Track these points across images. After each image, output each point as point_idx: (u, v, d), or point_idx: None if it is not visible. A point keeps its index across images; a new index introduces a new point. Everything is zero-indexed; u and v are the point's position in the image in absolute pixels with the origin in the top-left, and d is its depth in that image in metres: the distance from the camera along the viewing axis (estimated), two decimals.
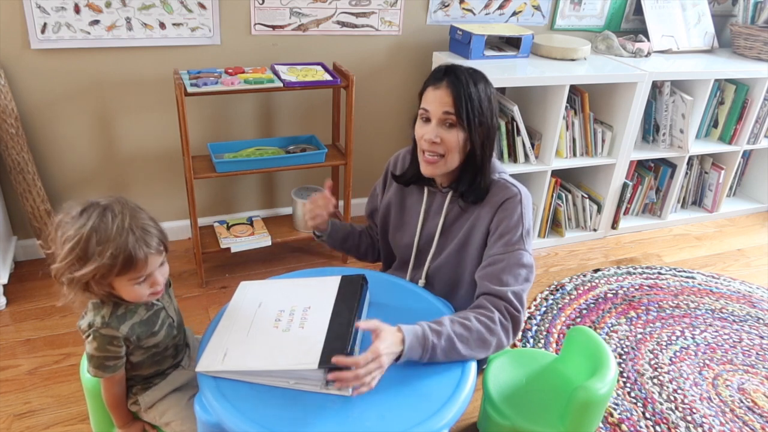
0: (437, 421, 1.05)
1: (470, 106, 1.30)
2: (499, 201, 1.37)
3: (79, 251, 1.04)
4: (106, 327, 1.12)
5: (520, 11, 2.66)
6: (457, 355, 1.20)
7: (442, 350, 1.17)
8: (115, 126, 2.27)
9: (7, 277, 2.10)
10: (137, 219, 1.08)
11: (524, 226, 1.34)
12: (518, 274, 1.31)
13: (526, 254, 1.33)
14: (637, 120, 2.59)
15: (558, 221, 2.77)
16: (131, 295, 1.11)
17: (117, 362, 1.16)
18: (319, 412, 1.05)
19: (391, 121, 2.69)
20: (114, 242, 1.03)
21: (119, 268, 1.05)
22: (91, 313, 1.14)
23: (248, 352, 1.14)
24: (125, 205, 1.09)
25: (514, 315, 1.27)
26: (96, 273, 1.04)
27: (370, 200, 1.67)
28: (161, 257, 1.13)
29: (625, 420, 1.80)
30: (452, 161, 1.36)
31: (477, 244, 1.40)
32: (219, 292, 2.27)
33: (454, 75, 1.31)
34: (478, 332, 1.22)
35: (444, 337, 1.18)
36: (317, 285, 1.33)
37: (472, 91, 1.30)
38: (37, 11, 1.97)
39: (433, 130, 1.33)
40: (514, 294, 1.28)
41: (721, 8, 3.05)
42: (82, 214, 1.07)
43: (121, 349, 1.15)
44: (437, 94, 1.31)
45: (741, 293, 2.48)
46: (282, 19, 2.29)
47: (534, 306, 2.30)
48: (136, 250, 1.05)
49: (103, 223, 1.05)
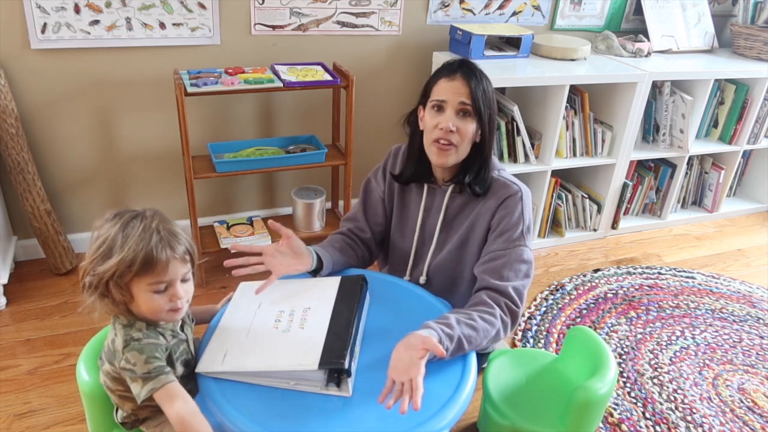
0: (438, 421, 1.05)
1: (484, 98, 1.35)
2: (501, 198, 1.39)
3: (105, 248, 1.03)
4: (148, 338, 1.05)
5: (520, 11, 2.66)
6: (461, 354, 1.23)
7: (450, 354, 1.19)
8: (115, 126, 2.27)
9: (7, 277, 2.10)
10: (167, 224, 1.06)
11: (525, 223, 1.38)
12: (519, 270, 1.34)
13: (527, 250, 1.36)
14: (637, 120, 2.59)
15: (558, 221, 2.77)
16: (149, 305, 1.05)
17: (168, 372, 1.05)
18: (319, 413, 1.05)
19: (391, 121, 2.67)
20: (138, 238, 1.02)
21: (138, 266, 1.01)
22: (121, 332, 1.07)
23: (248, 352, 1.14)
24: (158, 213, 1.08)
25: (514, 311, 1.31)
26: (116, 269, 1.01)
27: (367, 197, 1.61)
28: (185, 268, 1.07)
29: (625, 420, 1.80)
30: (463, 151, 1.38)
31: (478, 240, 1.43)
32: (219, 292, 2.27)
33: (468, 68, 1.36)
34: (483, 331, 1.25)
35: (455, 341, 1.19)
36: (317, 285, 1.33)
37: (484, 85, 1.36)
38: (37, 11, 1.97)
39: (449, 118, 1.35)
40: (514, 289, 1.32)
41: (721, 8, 3.05)
42: (115, 217, 1.07)
43: (164, 359, 1.06)
44: (453, 85, 1.35)
45: (741, 293, 2.48)
46: (282, 19, 2.29)
47: (534, 306, 2.30)
48: (158, 250, 1.01)
49: (131, 224, 1.04)
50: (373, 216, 1.59)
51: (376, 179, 1.59)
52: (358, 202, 1.62)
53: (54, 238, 2.20)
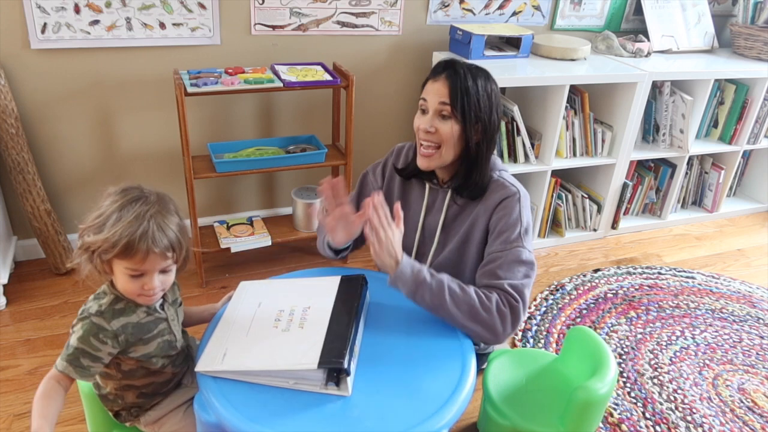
0: (437, 421, 1.05)
1: (466, 100, 1.32)
2: (498, 200, 1.38)
3: (99, 221, 1.06)
4: (99, 316, 1.09)
5: (520, 11, 2.66)
6: (443, 311, 1.22)
7: (430, 292, 1.20)
8: (115, 126, 2.27)
9: (7, 277, 2.10)
10: (162, 216, 1.08)
11: (522, 224, 1.35)
12: (516, 270, 1.30)
13: (525, 251, 1.33)
14: (637, 120, 2.59)
15: (558, 221, 2.77)
16: (123, 286, 1.10)
17: (91, 367, 1.07)
18: (318, 413, 1.05)
19: (391, 121, 2.69)
20: (127, 224, 1.04)
21: (119, 250, 1.03)
22: (91, 302, 1.12)
23: (248, 351, 1.14)
24: (160, 201, 1.10)
25: (513, 305, 1.25)
26: (101, 246, 1.04)
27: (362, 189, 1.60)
28: (165, 262, 1.09)
29: (625, 420, 1.80)
30: (447, 154, 1.37)
31: (477, 242, 1.41)
32: (219, 292, 2.27)
33: (453, 69, 1.35)
34: (471, 300, 1.23)
35: (437, 281, 1.21)
36: (317, 285, 1.33)
37: (469, 86, 1.33)
38: (37, 11, 1.97)
39: (428, 120, 1.35)
40: (511, 286, 1.27)
41: (721, 8, 3.05)
42: (121, 192, 1.09)
43: (103, 352, 1.08)
44: (435, 86, 1.35)
45: (741, 293, 2.48)
46: (282, 19, 2.29)
47: (534, 306, 2.30)
48: (139, 241, 1.03)
49: (129, 207, 1.06)
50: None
51: (374, 174, 1.58)
52: (353, 194, 1.60)
53: (54, 238, 2.21)
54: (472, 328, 1.24)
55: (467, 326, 1.24)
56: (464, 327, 1.24)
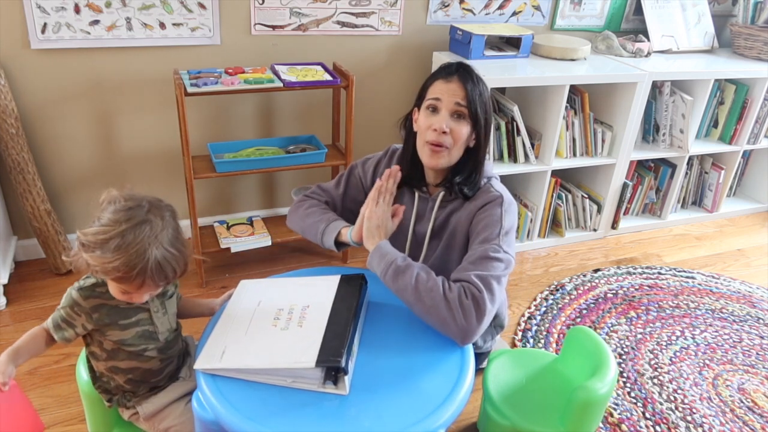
0: (434, 420, 1.05)
1: (480, 102, 1.34)
2: (480, 204, 1.38)
3: (100, 238, 1.04)
4: (78, 291, 1.14)
5: (520, 11, 2.66)
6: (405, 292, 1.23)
7: (396, 272, 1.24)
8: (115, 126, 2.27)
9: (7, 277, 2.10)
10: (164, 247, 1.07)
11: (503, 227, 1.32)
12: (487, 264, 1.26)
13: (501, 250, 1.29)
14: (637, 120, 2.59)
15: (558, 221, 2.77)
16: (112, 290, 1.14)
17: (65, 331, 1.15)
18: (316, 411, 1.05)
19: (391, 121, 2.66)
20: (127, 257, 1.03)
21: (114, 277, 1.06)
22: (85, 277, 1.17)
23: (247, 350, 1.14)
24: (166, 224, 1.10)
25: (476, 294, 1.20)
26: (98, 265, 1.05)
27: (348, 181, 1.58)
28: (157, 290, 1.15)
29: (625, 420, 1.80)
30: (456, 154, 1.38)
31: (459, 245, 1.42)
32: (219, 292, 2.27)
33: (465, 70, 1.36)
34: (434, 288, 1.21)
35: (406, 264, 1.24)
36: (316, 284, 1.34)
37: (481, 89, 1.35)
38: (37, 11, 1.97)
39: (443, 119, 1.34)
40: (477, 276, 1.23)
41: (721, 8, 3.05)
42: (125, 210, 1.07)
43: (76, 322, 1.15)
44: (450, 87, 1.34)
45: (741, 293, 2.48)
46: (282, 19, 2.29)
47: (534, 306, 2.30)
48: (136, 276, 1.05)
49: (131, 234, 1.04)
50: (351, 201, 1.56)
51: (363, 169, 1.57)
52: (336, 180, 1.58)
53: (54, 238, 2.21)
54: (435, 317, 1.21)
55: (430, 315, 1.21)
56: (428, 315, 1.21)
